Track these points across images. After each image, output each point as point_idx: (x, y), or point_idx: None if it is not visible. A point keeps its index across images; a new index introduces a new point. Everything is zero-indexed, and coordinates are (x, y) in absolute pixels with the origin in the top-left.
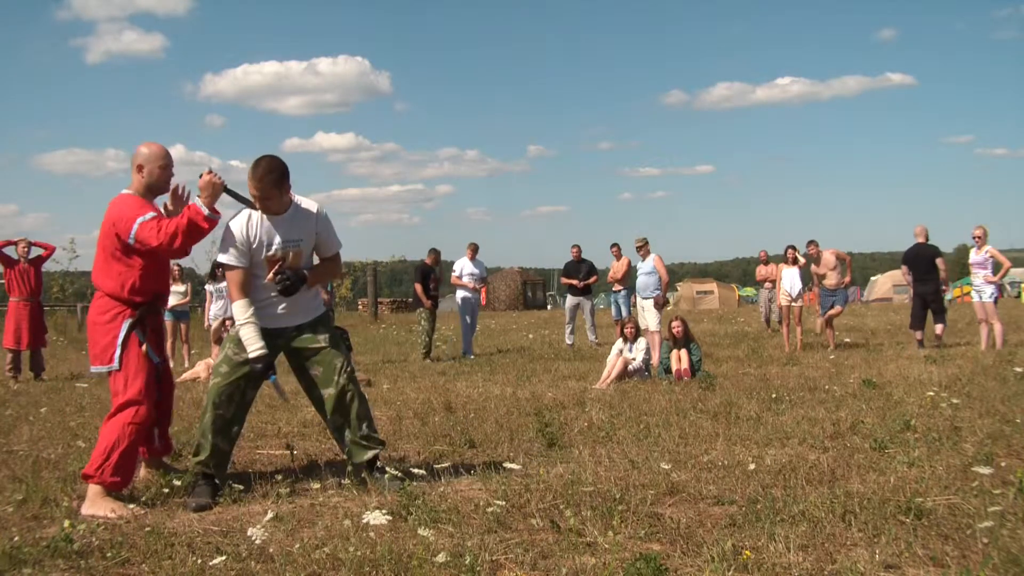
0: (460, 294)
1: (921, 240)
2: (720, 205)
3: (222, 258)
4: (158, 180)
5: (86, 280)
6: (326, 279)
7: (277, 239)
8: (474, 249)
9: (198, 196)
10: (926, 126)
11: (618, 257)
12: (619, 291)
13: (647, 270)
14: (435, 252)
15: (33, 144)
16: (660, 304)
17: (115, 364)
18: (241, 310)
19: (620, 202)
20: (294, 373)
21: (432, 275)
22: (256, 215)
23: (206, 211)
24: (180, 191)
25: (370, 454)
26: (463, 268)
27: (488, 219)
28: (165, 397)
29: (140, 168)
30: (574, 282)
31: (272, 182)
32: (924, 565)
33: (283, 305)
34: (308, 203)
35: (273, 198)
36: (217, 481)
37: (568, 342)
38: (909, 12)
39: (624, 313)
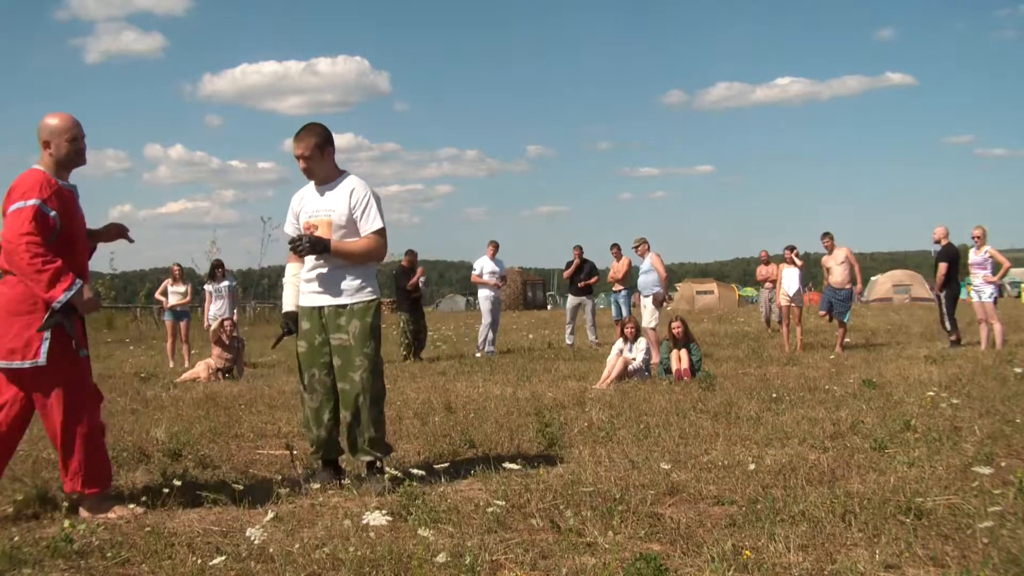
0: (483, 292)
1: (947, 241)
2: (720, 205)
3: (286, 228)
4: (67, 155)
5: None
6: (356, 254)
7: (311, 207)
8: (495, 246)
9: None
10: (926, 126)
11: (618, 257)
12: (619, 291)
13: (646, 268)
14: (411, 253)
15: (32, 144)
16: (659, 301)
17: (41, 359)
18: (288, 271)
19: (620, 202)
20: None
21: (409, 277)
22: (309, 186)
23: (60, 296)
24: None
25: (369, 458)
26: (484, 266)
27: (488, 219)
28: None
29: (47, 144)
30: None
31: (312, 144)
32: (924, 565)
33: (316, 283)
34: (354, 181)
35: (314, 159)
36: (335, 466)
37: (568, 342)
38: (908, 12)
39: (624, 313)
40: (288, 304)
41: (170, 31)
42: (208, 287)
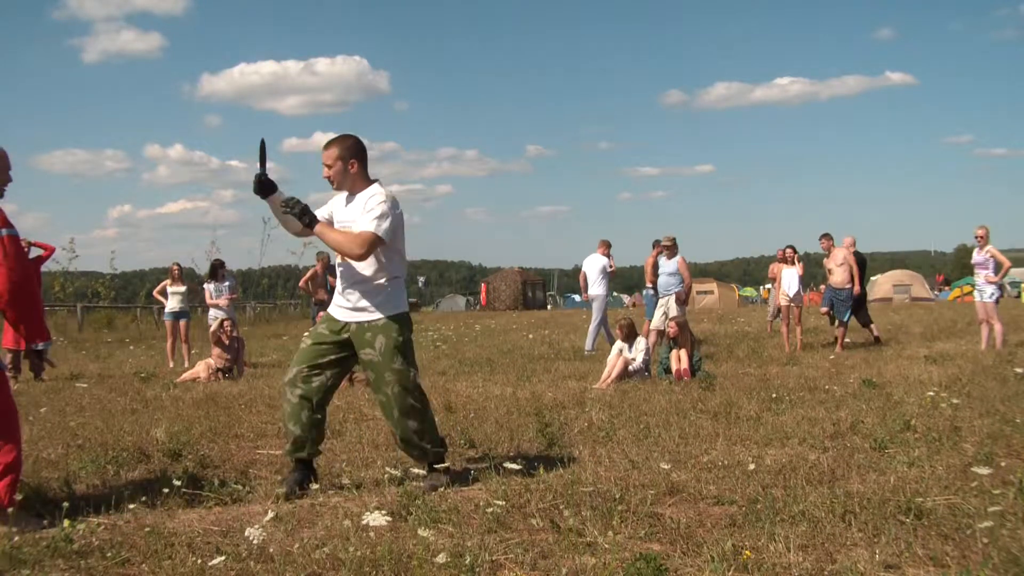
0: (595, 291)
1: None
2: (720, 205)
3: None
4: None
5: (86, 280)
6: (330, 241)
7: (339, 216)
8: (607, 245)
9: None
10: (926, 126)
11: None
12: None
13: (671, 270)
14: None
15: (32, 144)
16: (682, 300)
17: None
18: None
19: (620, 202)
20: None
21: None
22: (341, 196)
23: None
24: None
25: (425, 461)
26: (596, 265)
27: (488, 219)
28: None
29: None
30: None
31: (335, 156)
32: (924, 565)
33: (345, 300)
34: (374, 189)
35: (335, 170)
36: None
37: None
38: (908, 12)
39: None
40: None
41: (169, 31)
42: (208, 286)
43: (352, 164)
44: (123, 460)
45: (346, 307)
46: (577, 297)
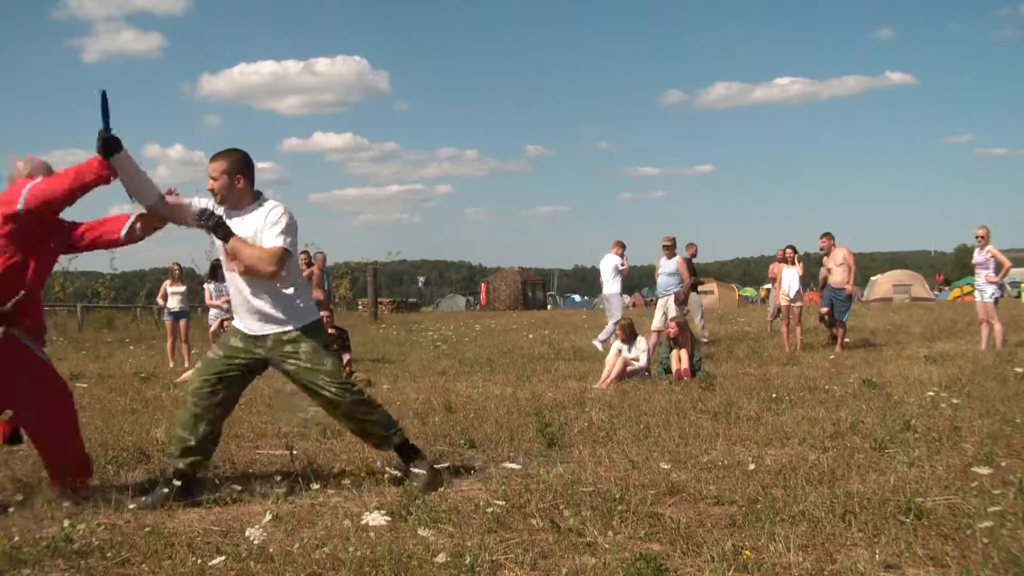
0: (608, 290)
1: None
2: (720, 205)
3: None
4: None
5: (86, 280)
6: (246, 259)
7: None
8: (621, 246)
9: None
10: (926, 126)
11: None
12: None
13: (670, 270)
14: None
15: (32, 144)
16: (681, 300)
17: None
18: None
19: (620, 202)
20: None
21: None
22: (221, 209)
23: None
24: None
25: (391, 448)
26: (609, 264)
27: (488, 219)
28: None
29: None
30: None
31: (221, 170)
32: (924, 565)
33: (256, 313)
34: (271, 204)
35: (218, 181)
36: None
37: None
38: (908, 12)
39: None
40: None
41: (169, 31)
42: (208, 286)
43: (238, 179)
44: (123, 460)
45: (255, 319)
46: (577, 297)
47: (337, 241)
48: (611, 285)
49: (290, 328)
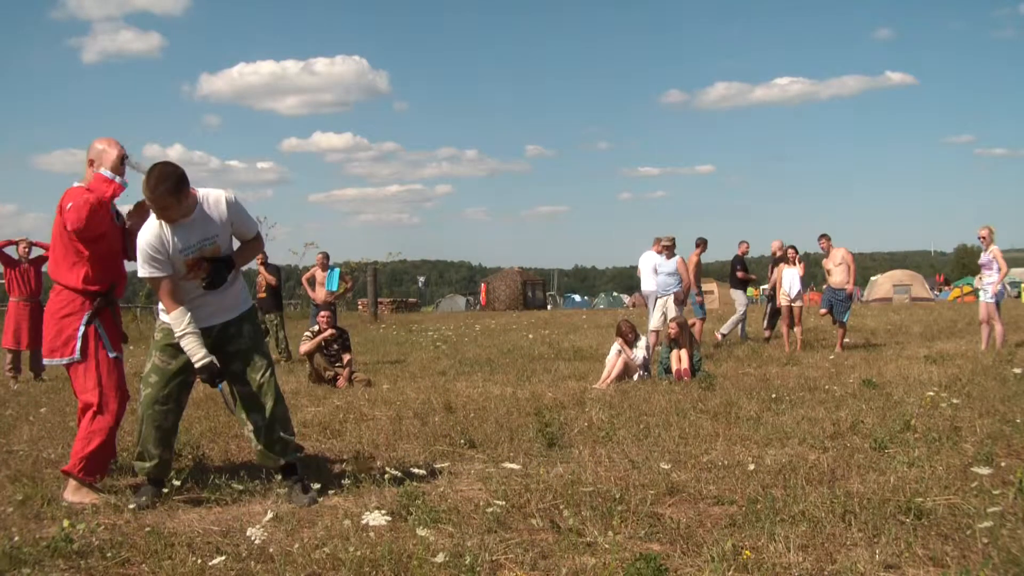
0: (646, 288)
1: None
2: (720, 205)
3: (143, 272)
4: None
5: None
6: (251, 258)
7: (192, 241)
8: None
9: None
10: (926, 126)
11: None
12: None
13: (670, 270)
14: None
15: (32, 144)
16: (681, 300)
17: (77, 355)
18: (178, 320)
19: (620, 202)
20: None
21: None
22: (163, 225)
23: (108, 174)
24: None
25: (282, 461)
26: (649, 262)
27: (488, 219)
28: None
29: (91, 162)
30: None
31: (166, 191)
32: (924, 565)
33: (210, 306)
34: (215, 195)
35: (171, 207)
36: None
37: (741, 335)
38: (908, 11)
39: (697, 314)
40: (202, 355)
41: (168, 31)
42: None
43: (184, 192)
44: (123, 460)
45: (210, 310)
46: (577, 297)
47: (337, 241)
48: (650, 283)
49: (237, 313)
